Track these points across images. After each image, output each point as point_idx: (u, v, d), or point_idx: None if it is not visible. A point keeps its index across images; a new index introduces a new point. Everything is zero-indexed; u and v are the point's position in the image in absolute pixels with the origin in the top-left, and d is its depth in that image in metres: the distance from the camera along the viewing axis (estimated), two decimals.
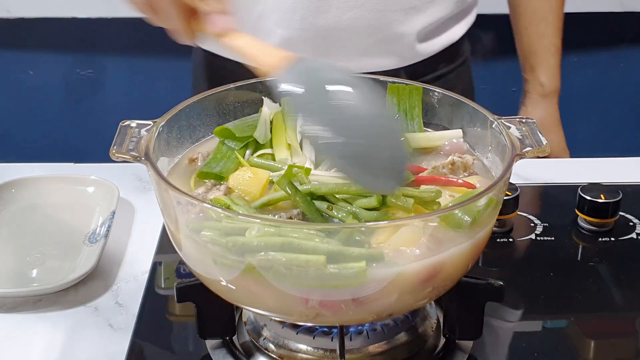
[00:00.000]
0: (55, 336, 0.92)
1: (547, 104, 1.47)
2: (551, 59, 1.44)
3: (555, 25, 1.42)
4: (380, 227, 0.73)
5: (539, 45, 1.43)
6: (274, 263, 0.70)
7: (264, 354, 0.85)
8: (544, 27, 1.42)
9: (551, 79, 1.45)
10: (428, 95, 0.93)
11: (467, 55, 1.42)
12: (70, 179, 1.16)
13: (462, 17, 1.34)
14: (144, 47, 2.36)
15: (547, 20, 1.42)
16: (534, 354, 0.89)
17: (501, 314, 0.93)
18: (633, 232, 1.09)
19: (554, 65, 1.45)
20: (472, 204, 0.74)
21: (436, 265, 0.73)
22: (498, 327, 0.92)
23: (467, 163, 0.86)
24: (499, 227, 1.08)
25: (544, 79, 1.45)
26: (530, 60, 1.45)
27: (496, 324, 0.92)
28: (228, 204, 0.78)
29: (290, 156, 0.88)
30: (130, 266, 1.04)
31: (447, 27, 1.31)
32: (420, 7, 1.23)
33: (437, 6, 1.25)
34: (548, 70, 1.45)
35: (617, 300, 0.98)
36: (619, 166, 1.29)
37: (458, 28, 1.33)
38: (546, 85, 1.45)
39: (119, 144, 0.80)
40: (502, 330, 0.92)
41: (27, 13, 2.28)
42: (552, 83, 1.45)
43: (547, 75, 1.45)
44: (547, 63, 1.44)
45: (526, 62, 1.46)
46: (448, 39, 1.32)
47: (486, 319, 0.85)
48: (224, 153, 0.88)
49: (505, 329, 0.92)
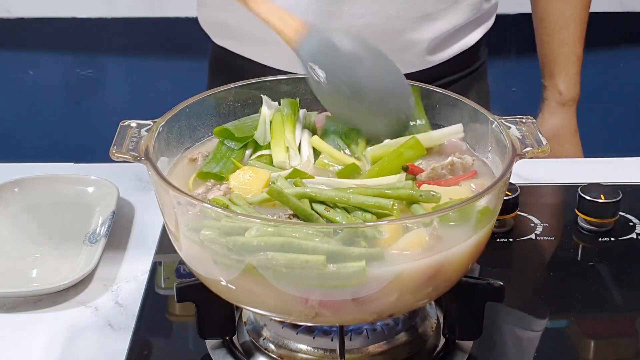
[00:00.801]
0: (55, 336, 0.92)
1: (565, 113, 1.46)
2: (571, 67, 1.43)
3: (577, 33, 1.41)
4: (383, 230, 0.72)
5: (559, 52, 1.42)
6: (274, 263, 0.70)
7: (264, 354, 0.85)
8: (565, 35, 1.41)
9: (570, 88, 1.44)
10: (428, 95, 0.93)
11: (484, 59, 1.41)
12: (70, 179, 1.16)
13: (479, 24, 1.32)
14: (144, 47, 2.37)
15: (569, 28, 1.41)
16: (533, 354, 0.89)
17: (501, 314, 0.93)
18: (633, 232, 1.09)
19: (573, 73, 1.44)
20: (472, 204, 0.74)
21: (436, 265, 0.73)
22: (498, 327, 0.92)
23: (467, 163, 0.86)
24: (499, 227, 1.08)
25: (563, 87, 1.44)
26: (550, 67, 1.44)
27: (496, 324, 0.92)
28: (227, 204, 0.78)
29: (288, 159, 0.88)
30: (130, 266, 1.04)
31: (462, 35, 1.29)
32: (434, 14, 1.21)
33: (452, 14, 1.23)
34: (567, 78, 1.43)
35: (617, 300, 0.98)
36: (619, 166, 1.29)
37: (473, 35, 1.32)
38: (565, 93, 1.44)
39: (119, 144, 0.80)
40: (502, 330, 0.92)
41: (27, 13, 2.28)
42: (571, 91, 1.44)
43: (566, 83, 1.44)
44: (567, 71, 1.43)
45: (546, 69, 1.45)
46: (462, 45, 1.30)
47: (486, 319, 0.85)
48: (223, 153, 0.88)
49: (505, 329, 0.92)
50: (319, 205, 0.77)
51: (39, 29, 2.32)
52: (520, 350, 0.90)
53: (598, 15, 2.35)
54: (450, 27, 1.24)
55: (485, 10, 1.31)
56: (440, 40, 1.25)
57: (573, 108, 1.46)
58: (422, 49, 1.24)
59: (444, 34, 1.24)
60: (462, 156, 0.87)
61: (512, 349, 0.90)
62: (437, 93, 0.93)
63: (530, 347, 0.90)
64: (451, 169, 0.84)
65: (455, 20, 1.25)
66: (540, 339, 0.92)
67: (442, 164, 0.84)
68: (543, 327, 0.93)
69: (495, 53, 1.50)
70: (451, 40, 1.28)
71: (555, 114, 1.46)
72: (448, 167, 0.84)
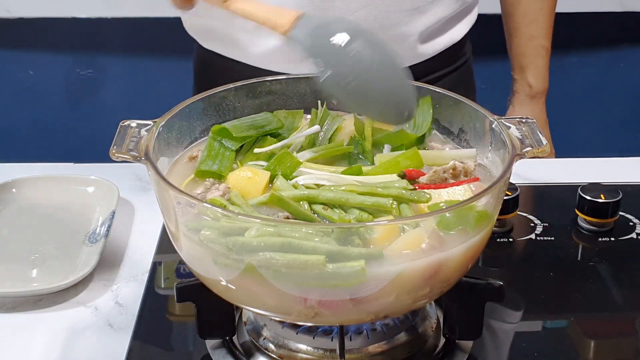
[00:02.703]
0: (55, 336, 0.92)
1: (534, 105, 1.48)
2: (540, 60, 1.45)
3: (546, 27, 1.43)
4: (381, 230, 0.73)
5: (528, 46, 1.44)
6: (274, 263, 0.70)
7: (264, 354, 0.85)
8: (534, 29, 1.43)
9: (539, 80, 1.46)
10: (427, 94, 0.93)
11: (469, 56, 1.43)
12: (70, 179, 1.16)
13: (463, 16, 1.34)
14: (144, 47, 2.37)
15: (538, 22, 1.43)
16: (534, 354, 0.89)
17: (501, 314, 0.93)
18: (633, 232, 1.09)
19: (542, 66, 1.46)
20: (472, 204, 0.74)
21: (436, 265, 0.73)
22: (498, 327, 0.92)
23: (469, 168, 0.85)
24: (499, 227, 1.08)
25: (532, 79, 1.46)
26: (519, 60, 1.46)
27: (496, 324, 0.92)
28: (225, 205, 0.77)
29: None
30: (130, 266, 1.04)
31: (449, 27, 1.31)
32: (423, 7, 1.23)
33: (439, 6, 1.26)
34: (536, 71, 1.46)
35: (617, 300, 0.98)
36: (619, 166, 1.29)
37: (459, 28, 1.34)
38: (534, 86, 1.46)
39: (119, 144, 0.80)
40: (502, 330, 0.92)
41: (27, 13, 2.28)
42: (540, 84, 1.46)
43: (535, 76, 1.46)
44: (536, 64, 1.45)
45: (515, 63, 1.47)
46: (450, 39, 1.32)
47: (486, 319, 0.85)
48: (217, 150, 0.88)
49: (505, 329, 0.92)
50: (317, 205, 0.77)
51: (39, 29, 2.32)
52: (520, 350, 0.90)
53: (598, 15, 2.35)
54: (438, 19, 1.27)
55: (469, 3, 1.33)
56: (430, 33, 1.27)
57: (542, 100, 1.48)
58: (413, 41, 1.25)
59: (433, 26, 1.27)
60: (464, 161, 0.86)
61: (512, 349, 0.90)
62: (436, 93, 0.93)
63: (530, 347, 0.90)
64: (453, 173, 0.84)
65: (442, 12, 1.27)
66: (540, 339, 0.92)
67: (444, 167, 0.84)
68: (543, 327, 0.93)
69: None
70: (439, 32, 1.30)
71: (525, 106, 1.48)
72: (450, 171, 0.84)
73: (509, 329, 0.93)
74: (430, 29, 1.27)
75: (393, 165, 0.85)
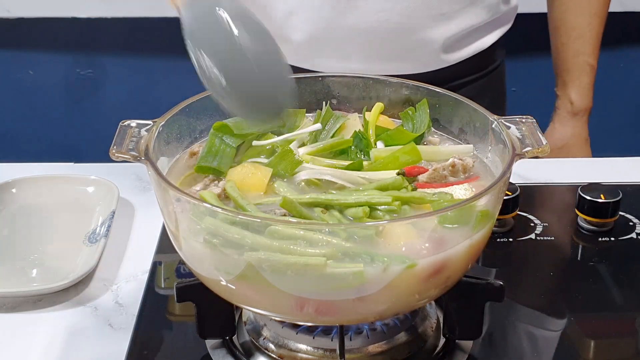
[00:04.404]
0: (55, 336, 0.92)
1: (576, 122, 1.45)
2: (584, 77, 1.42)
3: (592, 44, 1.40)
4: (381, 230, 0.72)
5: (573, 62, 1.41)
6: (274, 263, 0.70)
7: (264, 353, 0.85)
8: (580, 45, 1.40)
9: (582, 98, 1.43)
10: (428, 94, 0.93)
11: (501, 61, 1.40)
12: (70, 179, 1.16)
13: (497, 26, 1.31)
14: (144, 47, 2.37)
15: (585, 37, 1.40)
16: (534, 354, 0.89)
17: (501, 313, 0.93)
18: (633, 232, 1.09)
19: (586, 84, 1.43)
20: (472, 204, 0.74)
21: (436, 265, 0.73)
22: (498, 327, 0.92)
23: (467, 165, 0.86)
24: (499, 227, 1.08)
25: (575, 96, 1.43)
26: (563, 76, 1.44)
27: (496, 323, 0.92)
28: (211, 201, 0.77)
29: None
30: (130, 266, 1.04)
31: (478, 36, 1.29)
32: (450, 14, 1.21)
33: (467, 14, 1.23)
34: (580, 88, 1.43)
35: (617, 300, 0.98)
36: (619, 166, 1.29)
37: (489, 36, 1.31)
38: (576, 103, 1.43)
39: (119, 143, 0.80)
40: (502, 330, 0.92)
41: (27, 13, 2.28)
42: (583, 102, 1.44)
43: (579, 93, 1.43)
44: (580, 81, 1.42)
45: (559, 78, 1.45)
46: (477, 47, 1.30)
47: (486, 319, 0.85)
48: (218, 147, 0.88)
49: (505, 328, 0.92)
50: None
51: (39, 29, 2.32)
52: (520, 350, 0.90)
53: None
54: (465, 28, 1.24)
55: (503, 12, 1.30)
56: (455, 40, 1.25)
57: (584, 118, 1.46)
58: (437, 48, 1.24)
59: (459, 34, 1.24)
60: (463, 158, 0.87)
61: (512, 348, 0.90)
62: (437, 93, 0.93)
63: (530, 347, 0.90)
64: (452, 170, 0.84)
65: (470, 21, 1.24)
66: (540, 338, 0.92)
67: (443, 165, 0.84)
68: (543, 327, 0.93)
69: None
70: (466, 41, 1.27)
71: (566, 123, 1.45)
72: (449, 169, 0.84)
73: (509, 329, 0.93)
74: (455, 37, 1.24)
75: (392, 160, 0.85)
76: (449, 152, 0.89)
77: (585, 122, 1.46)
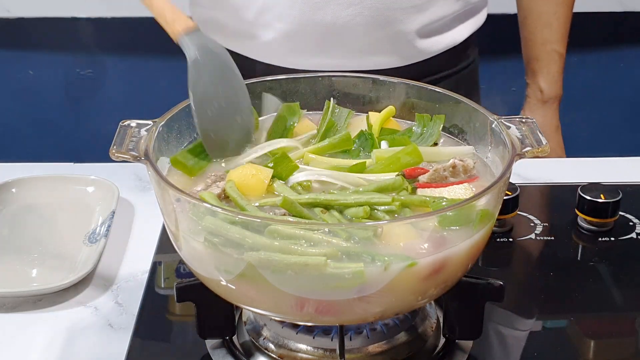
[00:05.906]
0: (55, 336, 0.92)
1: (546, 110, 1.47)
2: (553, 65, 1.44)
3: (560, 32, 1.42)
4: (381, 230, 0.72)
5: (541, 50, 1.43)
6: (274, 262, 0.70)
7: (264, 353, 0.85)
8: (547, 33, 1.42)
9: (551, 86, 1.45)
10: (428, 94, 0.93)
11: (474, 59, 1.41)
12: (70, 179, 1.16)
13: (468, 17, 1.33)
14: (144, 47, 2.36)
15: (552, 26, 1.41)
16: (534, 354, 0.89)
17: (501, 313, 0.93)
18: (633, 232, 1.09)
19: (555, 72, 1.44)
20: (472, 204, 0.74)
21: (436, 265, 0.73)
22: (498, 327, 0.92)
23: (468, 166, 0.86)
24: (499, 227, 1.08)
25: (544, 85, 1.45)
26: (532, 65, 1.45)
27: (496, 323, 0.92)
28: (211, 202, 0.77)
29: None
30: (130, 266, 1.04)
31: (450, 27, 1.30)
32: (421, 5, 1.23)
33: (439, 5, 1.25)
34: (549, 76, 1.45)
35: (617, 300, 0.98)
36: (619, 166, 1.29)
37: (462, 28, 1.32)
38: (546, 91, 1.45)
39: (119, 143, 0.80)
40: (502, 330, 0.92)
41: (27, 13, 2.28)
42: (552, 90, 1.45)
43: (548, 81, 1.45)
44: (548, 69, 1.44)
45: (528, 67, 1.46)
46: (451, 39, 1.31)
47: (486, 319, 0.85)
48: (201, 150, 0.88)
49: (505, 328, 0.92)
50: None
51: (39, 29, 2.32)
52: (520, 350, 0.90)
53: (598, 15, 2.35)
54: (437, 18, 1.26)
55: (473, 4, 1.31)
56: (429, 30, 1.26)
57: (554, 106, 1.47)
58: (411, 39, 1.24)
59: (432, 24, 1.26)
60: (464, 159, 0.87)
61: (512, 349, 0.90)
62: (437, 92, 0.93)
63: (530, 347, 0.90)
64: (453, 171, 0.84)
65: (443, 11, 1.26)
66: (540, 339, 0.92)
67: (443, 165, 0.84)
68: (543, 327, 0.93)
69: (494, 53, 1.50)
70: (440, 30, 1.29)
71: (536, 111, 1.47)
72: (450, 169, 0.84)
73: (509, 328, 0.93)
74: (428, 27, 1.26)
75: (393, 161, 0.85)
76: (450, 153, 0.89)
77: (556, 109, 1.48)
